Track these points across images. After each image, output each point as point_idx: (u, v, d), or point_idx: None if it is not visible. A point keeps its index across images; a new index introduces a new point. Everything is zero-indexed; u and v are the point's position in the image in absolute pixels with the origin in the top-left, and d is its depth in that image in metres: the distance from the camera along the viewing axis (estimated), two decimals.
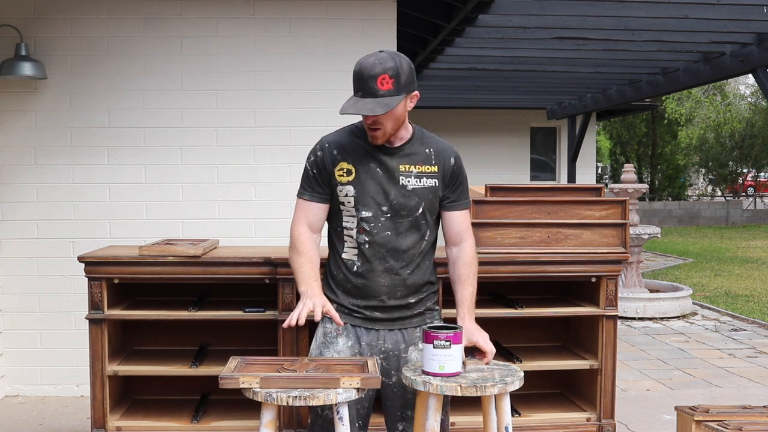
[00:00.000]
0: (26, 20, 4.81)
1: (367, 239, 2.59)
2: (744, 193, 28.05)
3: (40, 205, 4.89)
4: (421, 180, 2.61)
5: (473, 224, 3.36)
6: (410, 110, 2.65)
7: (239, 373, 2.35)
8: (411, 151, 2.63)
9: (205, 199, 4.93)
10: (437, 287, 2.77)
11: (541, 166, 14.84)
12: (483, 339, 2.63)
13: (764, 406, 3.31)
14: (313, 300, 2.47)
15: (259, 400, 2.29)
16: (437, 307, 2.77)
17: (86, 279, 3.23)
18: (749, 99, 24.90)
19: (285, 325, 2.46)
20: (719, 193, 26.97)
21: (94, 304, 3.22)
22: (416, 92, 2.59)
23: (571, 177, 11.99)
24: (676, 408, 3.34)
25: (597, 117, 15.10)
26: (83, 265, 3.23)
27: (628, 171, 8.79)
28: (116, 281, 3.29)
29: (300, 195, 2.65)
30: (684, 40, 6.77)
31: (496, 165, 14.01)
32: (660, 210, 20.87)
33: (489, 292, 3.76)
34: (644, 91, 9.10)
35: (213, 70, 4.93)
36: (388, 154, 2.60)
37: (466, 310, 2.66)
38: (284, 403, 2.27)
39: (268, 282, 3.24)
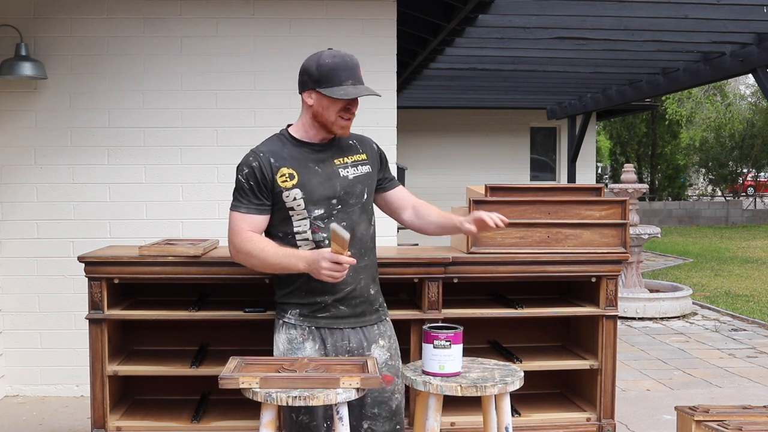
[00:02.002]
0: (26, 20, 4.81)
1: (324, 235, 2.63)
2: (744, 193, 28.05)
3: (40, 205, 4.89)
4: (358, 168, 2.72)
5: None
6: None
7: (239, 373, 2.35)
8: (338, 146, 2.72)
9: (205, 199, 4.93)
10: None
11: (541, 166, 14.84)
12: (482, 213, 2.71)
13: (764, 406, 3.30)
14: (324, 257, 2.46)
15: (259, 400, 2.29)
16: (385, 304, 2.85)
17: (86, 279, 3.23)
18: (749, 99, 24.90)
19: (338, 276, 2.49)
20: (719, 193, 26.97)
21: (94, 304, 3.22)
22: None
23: (571, 177, 11.99)
24: (676, 408, 3.34)
25: (597, 117, 15.10)
26: (83, 265, 3.23)
27: (628, 171, 8.79)
28: (116, 281, 3.29)
29: (235, 208, 2.64)
30: (684, 40, 6.77)
31: (496, 165, 14.01)
32: (660, 210, 20.87)
33: (489, 292, 3.76)
34: (644, 91, 9.10)
35: (213, 70, 4.93)
36: (321, 151, 2.68)
37: (452, 213, 2.88)
38: (284, 403, 2.27)
39: (268, 282, 3.23)
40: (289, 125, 2.75)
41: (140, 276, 3.26)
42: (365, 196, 2.72)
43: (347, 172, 2.68)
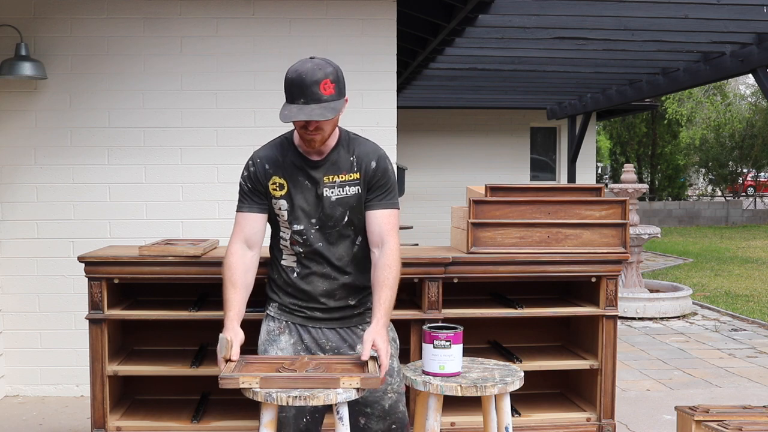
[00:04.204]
0: (26, 20, 4.81)
1: (302, 250, 2.65)
2: (744, 193, 28.05)
3: (40, 205, 4.89)
4: (344, 189, 2.64)
5: (473, 224, 3.38)
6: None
7: (239, 372, 2.35)
8: (336, 160, 2.64)
9: (205, 199, 4.93)
10: None
11: (541, 166, 14.84)
12: (383, 347, 2.45)
13: (764, 406, 3.31)
14: (222, 350, 2.46)
15: (259, 400, 2.29)
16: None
17: (86, 279, 3.23)
18: (749, 99, 24.90)
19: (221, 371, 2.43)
20: (719, 193, 26.97)
21: (94, 304, 3.22)
22: (347, 97, 2.58)
23: (571, 177, 11.99)
24: (676, 408, 3.34)
25: (597, 117, 15.10)
26: (83, 265, 3.23)
27: (628, 171, 8.79)
28: (116, 281, 3.29)
29: (238, 210, 2.69)
30: (684, 40, 6.77)
31: (496, 165, 14.01)
32: (660, 210, 20.87)
33: (489, 292, 3.76)
34: (644, 91, 9.10)
35: (213, 70, 4.92)
36: (315, 167, 2.64)
37: (380, 315, 2.52)
38: (284, 403, 2.27)
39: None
40: (294, 129, 2.72)
41: (140, 276, 3.26)
42: (345, 219, 2.64)
43: (332, 192, 2.63)
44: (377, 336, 2.45)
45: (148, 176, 4.92)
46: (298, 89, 2.46)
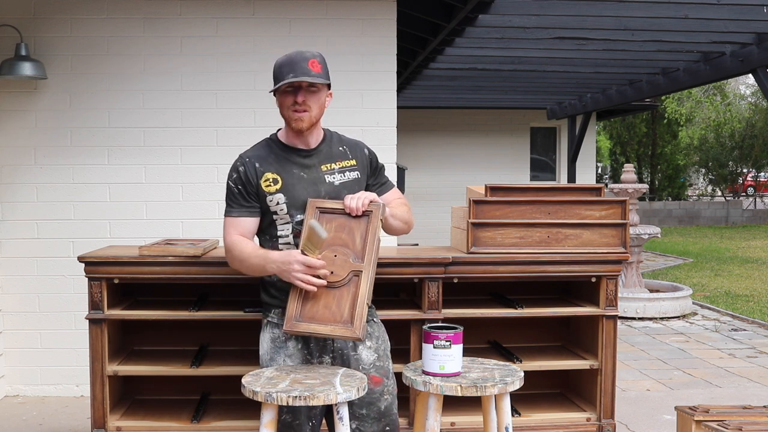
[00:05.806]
0: (26, 20, 4.81)
1: None
2: (744, 193, 28.04)
3: (40, 205, 4.89)
4: (345, 174, 2.73)
5: (473, 224, 3.39)
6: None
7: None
8: (327, 151, 2.74)
9: (205, 199, 4.93)
10: None
11: (541, 166, 14.83)
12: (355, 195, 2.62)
13: (764, 406, 3.31)
14: (297, 260, 2.49)
15: (259, 400, 2.29)
16: (373, 306, 2.81)
17: (86, 279, 3.23)
18: (749, 99, 24.89)
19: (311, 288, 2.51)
20: (719, 193, 26.97)
21: (94, 304, 3.22)
22: (331, 92, 2.71)
23: (571, 177, 11.99)
24: (676, 408, 3.34)
25: (597, 117, 15.09)
26: (83, 265, 3.23)
27: (628, 171, 8.79)
28: (116, 281, 3.29)
29: (227, 213, 2.70)
30: (684, 40, 6.77)
31: (496, 165, 14.00)
32: (660, 210, 20.87)
33: (489, 292, 3.76)
34: (644, 91, 9.10)
35: (213, 70, 4.92)
36: (308, 157, 2.70)
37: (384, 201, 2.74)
38: (284, 403, 2.27)
39: None
40: (279, 129, 2.79)
41: (140, 276, 3.26)
42: None
43: (333, 178, 2.70)
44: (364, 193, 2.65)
45: (148, 176, 4.92)
46: (288, 67, 2.59)
